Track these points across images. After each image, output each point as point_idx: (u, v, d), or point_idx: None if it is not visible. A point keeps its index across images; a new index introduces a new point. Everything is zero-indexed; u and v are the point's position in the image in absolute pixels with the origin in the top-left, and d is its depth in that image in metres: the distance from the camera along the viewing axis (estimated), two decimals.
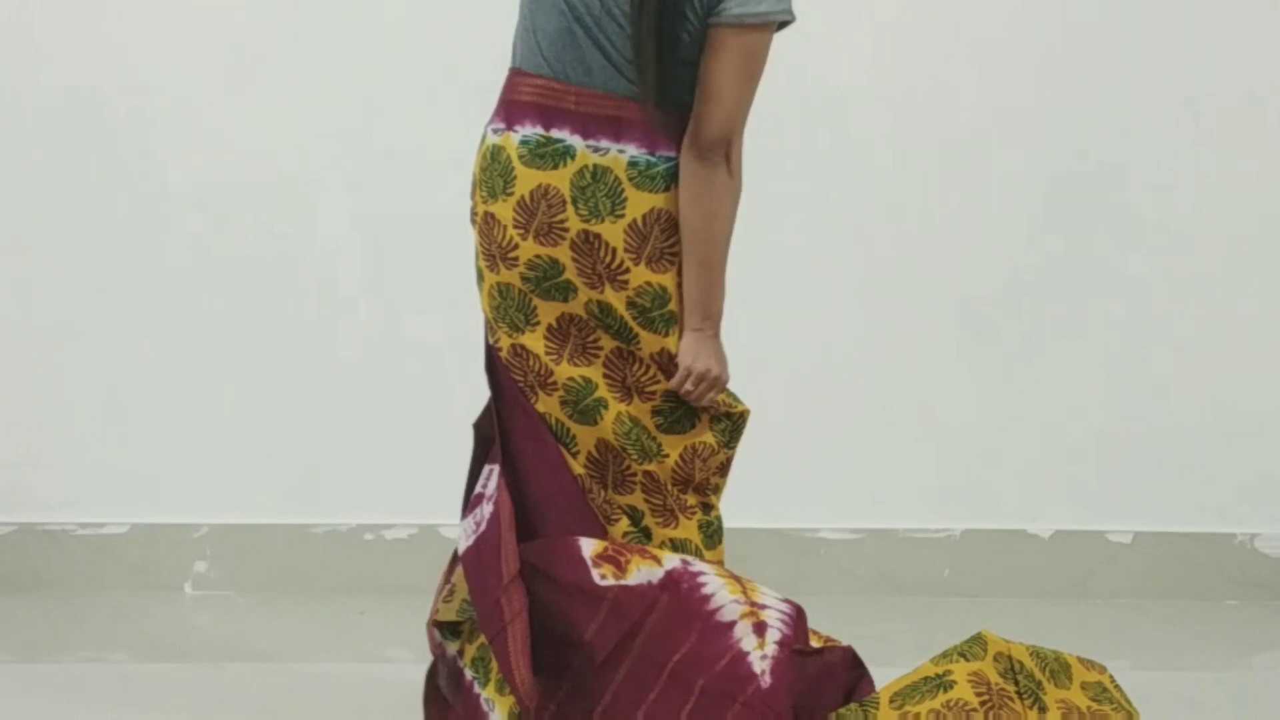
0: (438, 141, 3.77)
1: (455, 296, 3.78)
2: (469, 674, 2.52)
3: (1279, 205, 3.91)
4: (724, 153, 2.40)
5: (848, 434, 3.86)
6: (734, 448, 2.55)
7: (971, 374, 3.88)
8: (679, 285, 2.46)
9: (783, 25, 2.41)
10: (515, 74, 2.49)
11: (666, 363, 2.48)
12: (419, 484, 3.78)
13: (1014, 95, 3.86)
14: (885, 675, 2.40)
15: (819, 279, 3.82)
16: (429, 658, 2.64)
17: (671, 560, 2.41)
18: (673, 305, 2.46)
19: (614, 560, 2.40)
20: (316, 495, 3.84)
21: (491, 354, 2.56)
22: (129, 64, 3.79)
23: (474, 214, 2.53)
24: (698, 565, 2.42)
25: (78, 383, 3.83)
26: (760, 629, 2.33)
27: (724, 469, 2.55)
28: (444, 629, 2.61)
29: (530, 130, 2.45)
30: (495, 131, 2.49)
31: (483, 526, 2.47)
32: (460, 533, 2.53)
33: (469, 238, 3.74)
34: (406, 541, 3.83)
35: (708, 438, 2.51)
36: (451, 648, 2.59)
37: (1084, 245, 3.88)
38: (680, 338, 2.47)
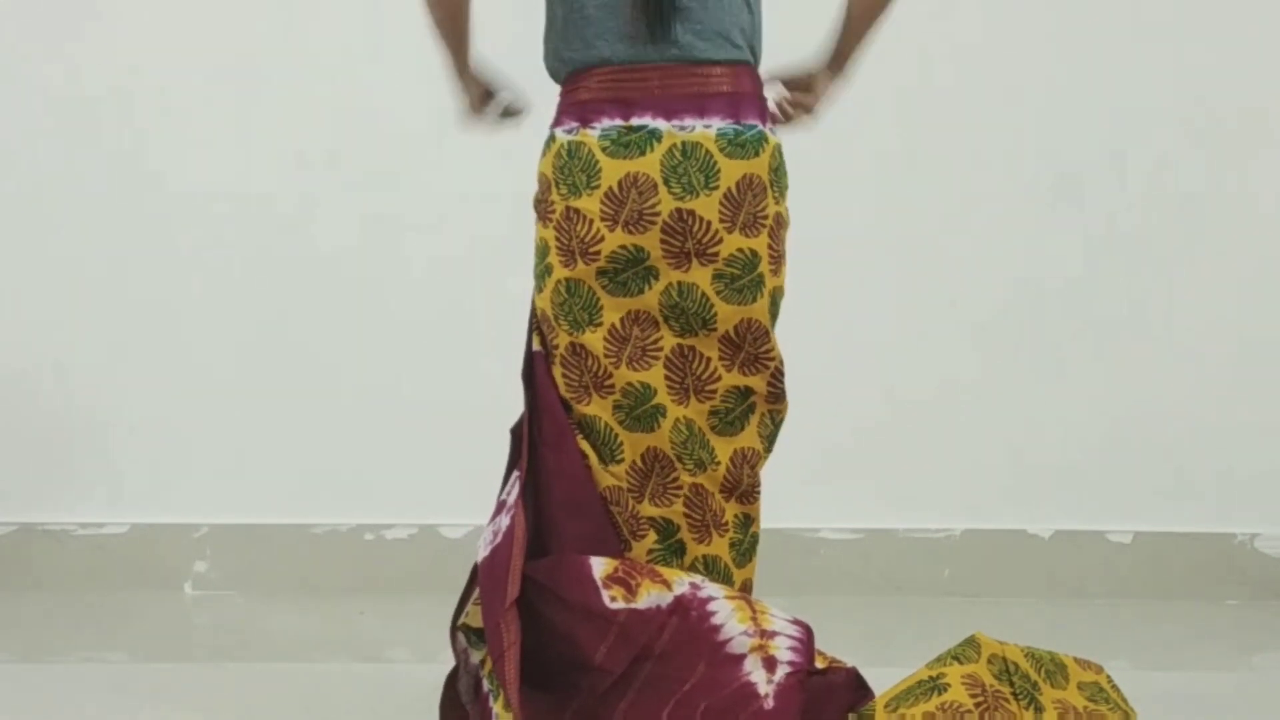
0: (440, 141, 3.77)
1: (455, 298, 3.82)
2: (486, 684, 2.51)
3: None
4: None
5: (848, 434, 3.86)
6: (770, 452, 2.58)
7: (972, 374, 3.88)
8: (769, 247, 2.49)
9: None
10: (580, 74, 2.48)
11: (745, 332, 2.49)
12: (419, 484, 3.79)
13: (1023, 95, 3.86)
14: (885, 675, 2.40)
15: (820, 279, 3.81)
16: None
17: (681, 585, 2.40)
18: (761, 269, 2.48)
19: (624, 582, 2.39)
20: (316, 495, 3.84)
21: (531, 359, 2.55)
22: (139, 66, 3.81)
23: (549, 211, 2.49)
24: (707, 590, 2.42)
25: (77, 383, 3.84)
26: (770, 664, 2.34)
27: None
28: (471, 634, 2.60)
29: (609, 123, 2.45)
30: (568, 131, 2.47)
31: (498, 539, 2.47)
32: (480, 539, 2.54)
33: (468, 241, 3.79)
34: (406, 541, 3.83)
35: (755, 443, 2.55)
36: (476, 656, 2.57)
37: (1085, 248, 3.88)
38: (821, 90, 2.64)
